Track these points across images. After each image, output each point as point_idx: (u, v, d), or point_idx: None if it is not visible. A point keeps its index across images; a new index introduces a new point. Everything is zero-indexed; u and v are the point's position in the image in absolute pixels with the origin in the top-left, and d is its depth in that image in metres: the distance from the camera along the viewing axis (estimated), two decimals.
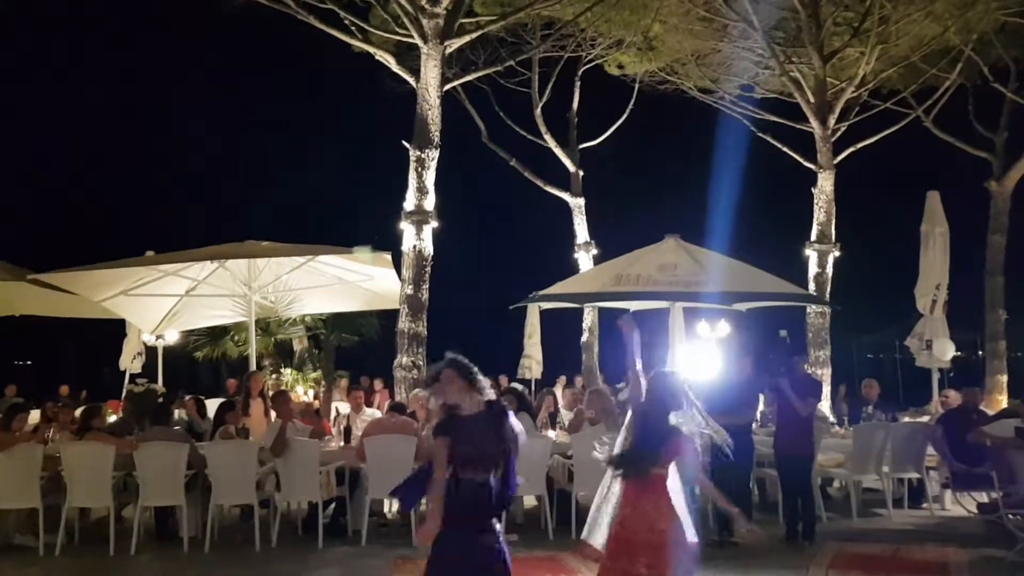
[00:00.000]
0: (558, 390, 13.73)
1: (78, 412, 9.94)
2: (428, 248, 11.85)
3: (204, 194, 28.36)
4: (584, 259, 17.92)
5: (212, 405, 10.99)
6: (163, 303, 12.28)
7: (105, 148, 29.50)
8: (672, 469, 4.95)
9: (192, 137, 27.95)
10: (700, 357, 11.90)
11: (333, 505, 8.67)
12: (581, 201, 18.14)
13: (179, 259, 11.04)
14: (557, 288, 12.04)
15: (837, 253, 14.23)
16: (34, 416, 10.14)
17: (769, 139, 15.48)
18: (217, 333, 17.84)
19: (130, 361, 14.66)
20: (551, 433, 9.16)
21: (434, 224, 11.91)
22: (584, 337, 17.41)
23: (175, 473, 7.94)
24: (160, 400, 10.21)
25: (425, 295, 11.80)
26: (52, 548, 7.84)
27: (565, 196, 18.17)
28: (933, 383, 12.94)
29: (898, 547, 7.80)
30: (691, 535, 4.95)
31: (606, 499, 4.97)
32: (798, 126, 14.91)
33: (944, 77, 15.27)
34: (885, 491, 9.27)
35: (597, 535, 4.96)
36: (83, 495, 8.03)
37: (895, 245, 17.23)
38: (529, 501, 9.41)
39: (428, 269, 11.86)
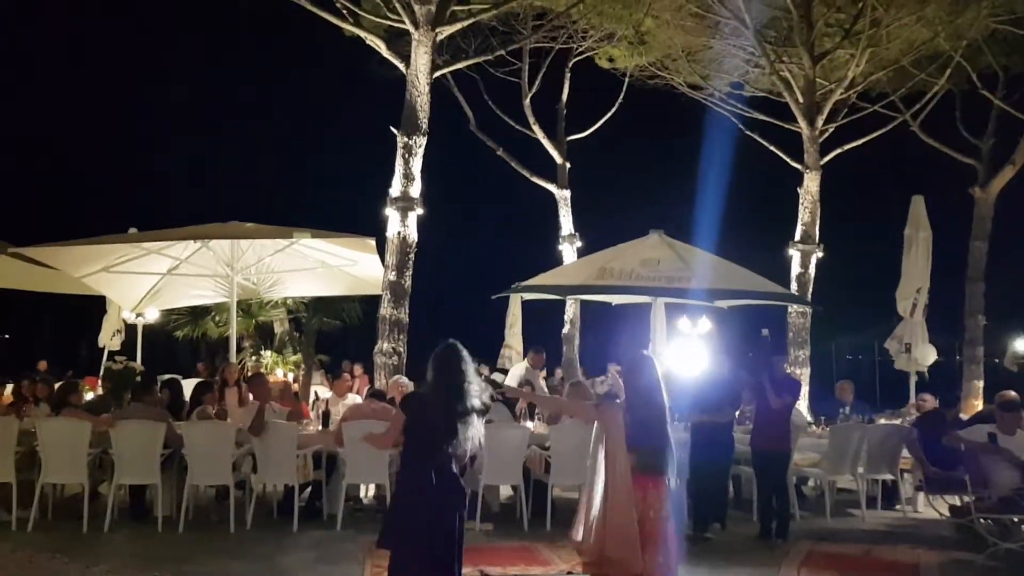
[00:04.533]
0: (540, 382, 13.73)
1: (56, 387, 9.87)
2: (413, 235, 11.81)
3: (188, 175, 28.19)
4: (568, 251, 17.92)
5: (188, 385, 10.94)
6: (145, 281, 12.20)
7: (88, 126, 29.25)
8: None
9: (176, 119, 27.74)
10: (682, 353, 11.96)
11: (309, 489, 8.67)
12: (567, 193, 18.13)
13: (162, 237, 10.96)
14: (540, 279, 12.05)
15: (820, 254, 14.31)
16: (7, 391, 10.05)
17: (757, 138, 15.53)
18: (198, 313, 17.71)
19: (109, 338, 14.56)
20: (529, 424, 9.16)
21: (419, 211, 11.87)
22: (565, 329, 17.42)
23: (151, 452, 7.90)
24: (139, 378, 10.13)
25: (408, 282, 11.76)
26: (25, 523, 7.80)
27: (551, 188, 18.15)
28: (910, 386, 13.06)
29: (870, 548, 7.88)
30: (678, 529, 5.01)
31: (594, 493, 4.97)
32: (786, 126, 14.96)
33: (933, 82, 15.35)
34: (859, 492, 9.35)
35: (581, 528, 4.99)
36: (58, 471, 7.98)
37: (878, 248, 17.33)
38: (505, 491, 9.43)
39: (412, 256, 11.82)
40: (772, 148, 15.13)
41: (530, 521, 8.38)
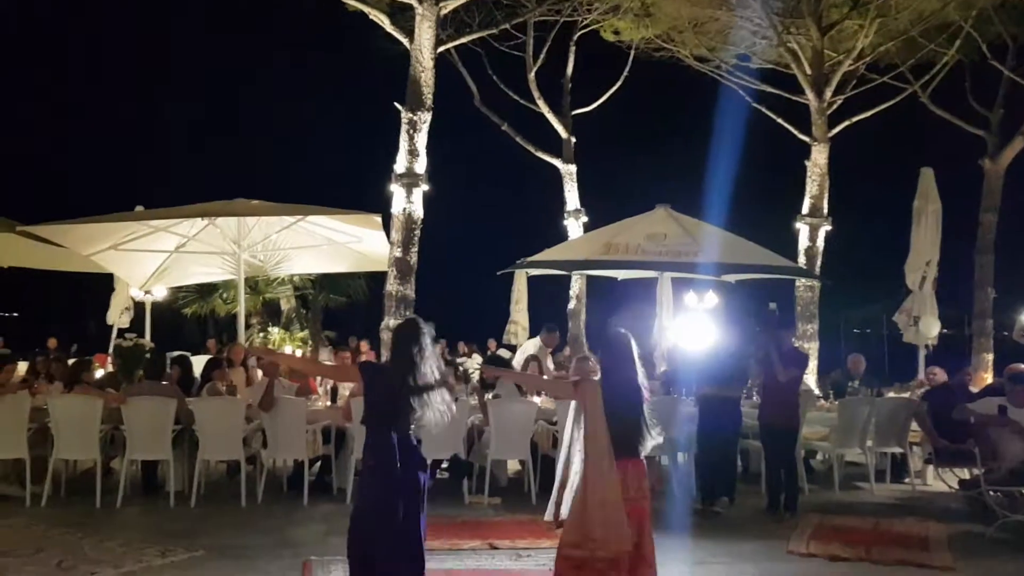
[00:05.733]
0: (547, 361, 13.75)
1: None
2: (418, 211, 11.79)
3: (190, 152, 28.16)
4: (574, 226, 17.86)
5: (198, 362, 10.99)
6: (152, 259, 12.23)
7: (94, 103, 29.18)
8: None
9: (182, 96, 27.67)
10: (688, 328, 11.95)
11: (319, 463, 8.72)
12: (573, 168, 18.03)
13: (169, 215, 10.96)
14: (546, 255, 12.03)
15: (828, 227, 14.25)
16: (21, 368, 10.11)
17: (764, 110, 15.40)
18: (206, 290, 17.80)
19: (118, 316, 14.62)
20: (536, 399, 9.18)
21: (424, 187, 11.84)
22: (571, 305, 17.41)
23: (162, 428, 7.95)
24: (148, 355, 10.17)
25: (414, 258, 11.76)
26: (38, 498, 7.86)
27: (556, 163, 18.06)
28: (919, 359, 13.04)
29: (879, 521, 7.89)
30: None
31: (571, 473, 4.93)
32: (794, 98, 14.85)
33: (942, 53, 15.18)
34: (868, 465, 9.36)
35: (564, 509, 4.93)
36: (70, 447, 8.04)
37: (886, 221, 17.25)
38: (513, 466, 9.47)
39: (417, 232, 11.81)
40: (780, 121, 15.01)
41: (538, 495, 8.39)
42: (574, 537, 4.77)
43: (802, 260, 14.03)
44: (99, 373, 10.34)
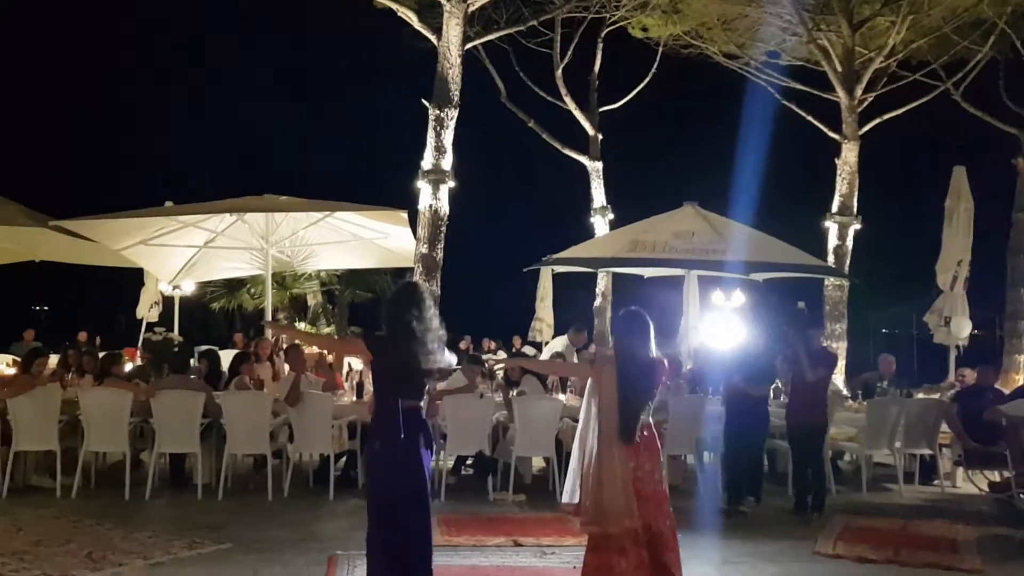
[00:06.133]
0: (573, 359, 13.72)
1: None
2: (444, 208, 11.81)
3: (218, 148, 28.37)
4: (600, 224, 17.83)
5: (225, 356, 11.07)
6: (181, 253, 12.33)
7: (126, 97, 29.50)
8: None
9: (209, 93, 27.90)
10: (715, 326, 11.88)
11: (344, 458, 8.76)
12: (599, 165, 18.00)
13: (198, 211, 11.05)
14: (572, 252, 12.01)
15: (858, 226, 14.10)
16: (52, 361, 10.23)
17: (794, 107, 15.27)
18: (233, 285, 17.95)
19: (147, 310, 14.78)
20: (561, 396, 9.17)
21: (451, 184, 11.86)
22: (597, 302, 17.38)
23: (191, 421, 8.02)
24: (176, 349, 10.27)
25: (440, 254, 11.78)
26: (69, 490, 7.96)
27: (583, 159, 18.03)
28: (950, 360, 12.88)
29: (907, 522, 7.80)
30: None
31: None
32: (824, 95, 14.70)
33: (976, 50, 14.97)
34: (896, 466, 9.26)
35: (577, 495, 4.96)
36: (100, 439, 8.12)
37: (917, 220, 17.02)
38: (538, 463, 9.46)
39: (443, 229, 11.83)
40: (809, 118, 14.88)
41: (562, 493, 8.39)
42: (591, 514, 4.81)
43: (831, 259, 13.91)
44: (128, 367, 10.47)
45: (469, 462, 9.18)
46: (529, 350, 17.38)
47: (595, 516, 4.78)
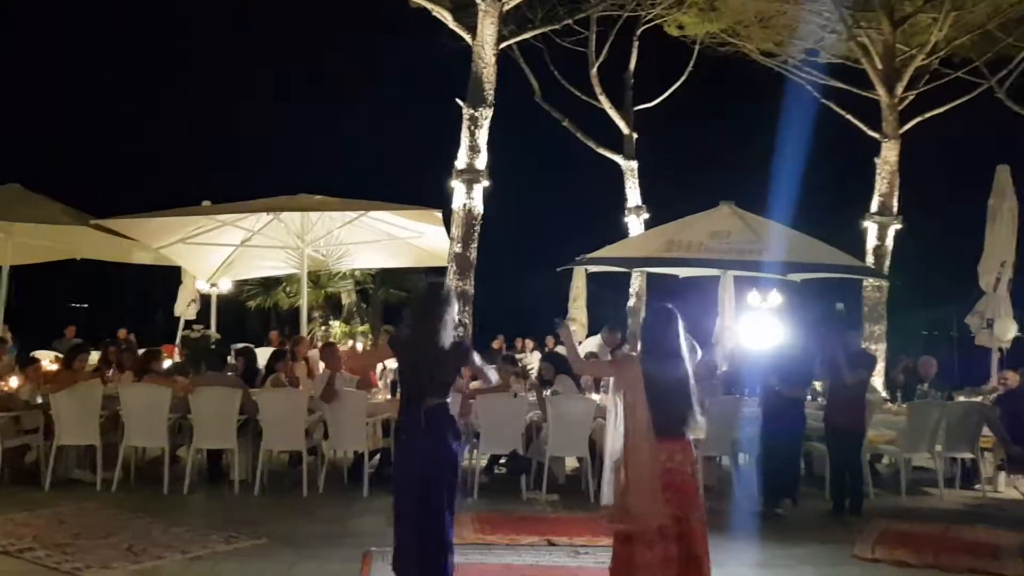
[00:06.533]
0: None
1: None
2: (478, 207, 11.82)
3: (253, 149, 28.68)
4: (635, 223, 17.74)
5: (261, 354, 11.17)
6: (219, 252, 12.48)
7: (164, 97, 29.92)
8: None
9: (247, 92, 28.19)
10: (751, 328, 11.76)
11: (378, 456, 8.80)
12: (634, 164, 17.91)
13: (236, 210, 11.18)
14: (606, 251, 11.96)
15: (898, 226, 13.89)
16: (93, 357, 10.40)
17: (832, 106, 15.08)
18: (269, 284, 18.14)
19: (185, 307, 14.96)
20: (595, 396, 9.13)
21: (485, 183, 11.87)
22: (631, 302, 17.30)
23: (228, 417, 8.11)
24: (214, 346, 10.39)
25: (473, 254, 11.80)
26: (109, 484, 8.09)
27: (617, 159, 17.95)
28: (992, 363, 12.63)
29: (947, 527, 7.66)
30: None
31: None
32: (863, 93, 14.50)
33: (1020, 47, 14.66)
34: (936, 470, 9.10)
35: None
36: (140, 435, 8.24)
37: (959, 219, 16.71)
38: (571, 463, 9.44)
39: (477, 228, 11.84)
40: (848, 117, 14.68)
41: (596, 493, 8.35)
42: (617, 512, 4.80)
43: (870, 259, 13.71)
44: (167, 363, 10.61)
45: (502, 461, 9.17)
46: (562, 350, 17.32)
47: (620, 515, 4.78)
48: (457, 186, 11.83)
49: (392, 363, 13.03)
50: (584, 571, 6.08)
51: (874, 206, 13.96)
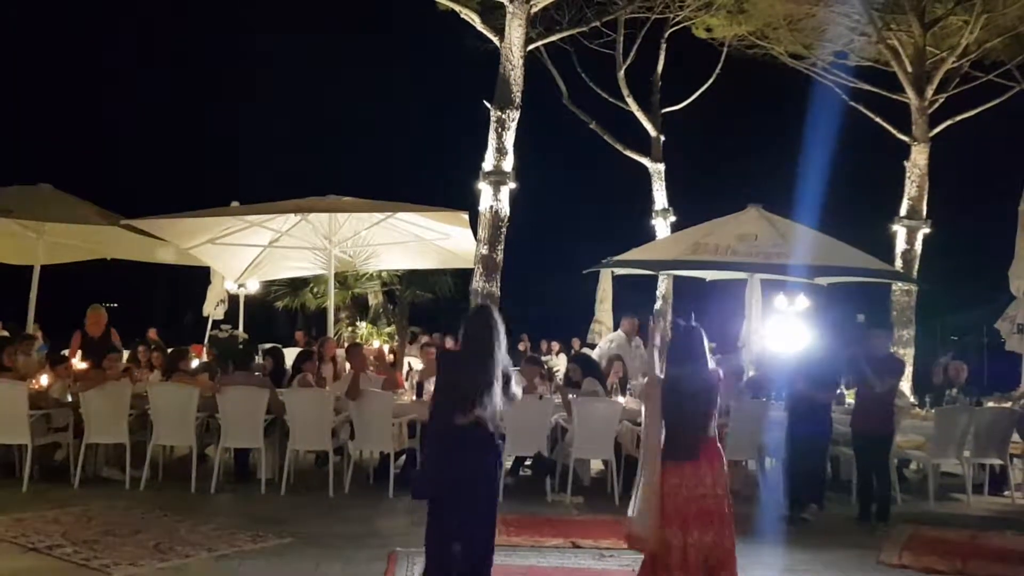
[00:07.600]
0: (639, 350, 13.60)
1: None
2: (505, 209, 11.85)
3: (286, 150, 28.89)
4: (662, 226, 17.69)
5: (288, 354, 11.26)
6: (247, 253, 12.57)
7: (194, 101, 30.25)
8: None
9: (276, 96, 28.42)
10: (778, 331, 11.69)
11: (404, 456, 8.85)
12: (661, 167, 17.86)
13: (264, 211, 11.24)
14: (632, 254, 11.94)
15: (927, 230, 13.75)
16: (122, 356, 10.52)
17: (861, 109, 14.96)
18: (297, 284, 18.22)
19: (213, 307, 15.09)
20: (620, 399, 9.12)
21: (512, 185, 11.89)
22: (657, 305, 17.24)
23: (255, 417, 8.18)
24: (241, 346, 10.49)
25: (500, 256, 11.83)
26: (137, 482, 8.18)
27: (645, 161, 17.91)
28: (1022, 368, 12.46)
29: (976, 533, 7.58)
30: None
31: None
32: (893, 96, 14.37)
33: None
34: (965, 476, 9.00)
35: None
36: (168, 433, 8.34)
37: (989, 224, 16.51)
38: (596, 466, 9.44)
39: (504, 230, 11.87)
40: (878, 120, 14.56)
41: (621, 496, 8.34)
42: (625, 531, 4.74)
43: (899, 263, 13.59)
44: (195, 363, 10.73)
45: (527, 463, 9.18)
46: (587, 352, 17.30)
47: (627, 534, 4.71)
48: (484, 188, 11.86)
49: (417, 363, 13.14)
50: (609, 574, 6.09)
51: (903, 210, 13.84)
